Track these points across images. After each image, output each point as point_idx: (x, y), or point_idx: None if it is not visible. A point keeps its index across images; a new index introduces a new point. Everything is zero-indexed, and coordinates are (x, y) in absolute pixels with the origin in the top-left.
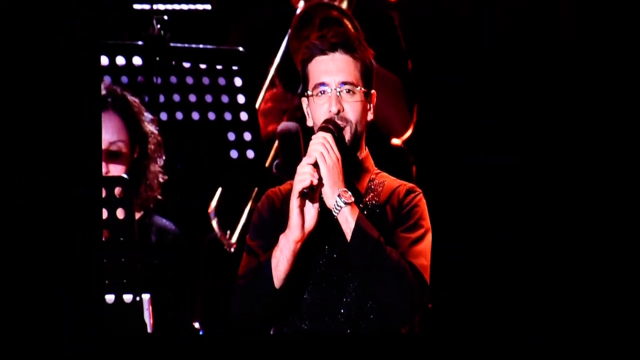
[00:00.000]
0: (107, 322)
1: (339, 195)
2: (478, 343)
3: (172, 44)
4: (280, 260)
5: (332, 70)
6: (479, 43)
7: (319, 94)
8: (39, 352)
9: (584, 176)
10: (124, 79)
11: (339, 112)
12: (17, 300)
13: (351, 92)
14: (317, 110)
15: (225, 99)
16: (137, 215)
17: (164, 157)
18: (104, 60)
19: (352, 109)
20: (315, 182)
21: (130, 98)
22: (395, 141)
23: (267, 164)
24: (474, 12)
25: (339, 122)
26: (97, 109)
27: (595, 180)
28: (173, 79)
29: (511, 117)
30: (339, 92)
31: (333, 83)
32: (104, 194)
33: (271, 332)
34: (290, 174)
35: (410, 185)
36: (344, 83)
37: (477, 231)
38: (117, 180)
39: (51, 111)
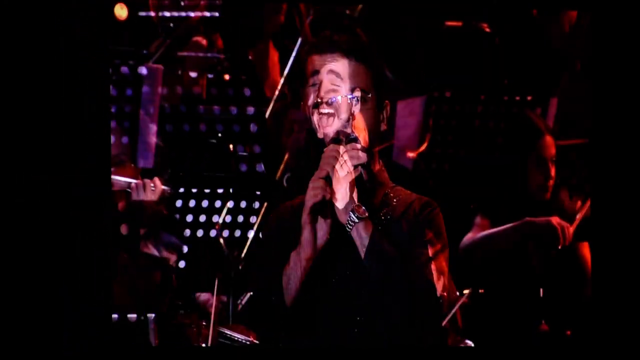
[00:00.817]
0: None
1: (352, 210)
2: (478, 343)
3: (178, 53)
4: (291, 278)
5: (342, 77)
6: (479, 43)
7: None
8: (39, 352)
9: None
10: (128, 90)
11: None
12: (18, 300)
13: (362, 99)
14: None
15: (233, 110)
16: (142, 231)
17: (169, 171)
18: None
19: (363, 116)
20: (328, 197)
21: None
22: (411, 154)
23: (277, 178)
24: (474, 12)
25: (349, 130)
26: (104, 108)
27: (594, 179)
28: (179, 89)
29: (511, 117)
30: (350, 99)
31: (343, 90)
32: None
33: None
34: (302, 188)
35: (427, 199)
36: (354, 89)
37: None
38: (120, 194)
39: (53, 111)
